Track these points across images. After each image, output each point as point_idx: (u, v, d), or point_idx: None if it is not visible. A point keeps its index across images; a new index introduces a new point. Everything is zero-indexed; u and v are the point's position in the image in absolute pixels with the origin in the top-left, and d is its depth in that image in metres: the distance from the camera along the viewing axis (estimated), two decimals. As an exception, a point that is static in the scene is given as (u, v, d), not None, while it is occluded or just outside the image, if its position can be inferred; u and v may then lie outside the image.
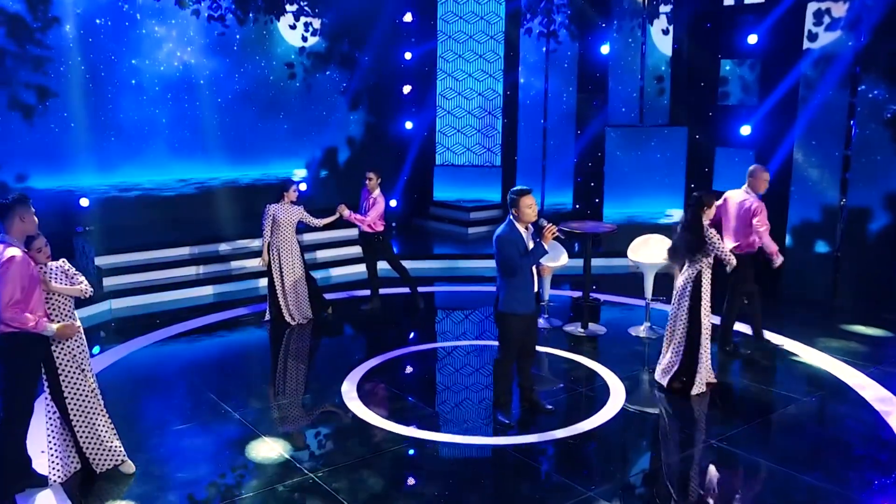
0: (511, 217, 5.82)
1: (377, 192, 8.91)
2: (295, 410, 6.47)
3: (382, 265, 9.25)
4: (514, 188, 5.86)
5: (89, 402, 5.08)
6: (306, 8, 12.37)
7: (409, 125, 13.35)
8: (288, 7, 12.21)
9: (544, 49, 12.58)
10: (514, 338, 5.95)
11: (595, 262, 10.79)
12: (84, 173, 10.71)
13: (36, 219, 4.88)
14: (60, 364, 4.95)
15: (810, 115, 9.43)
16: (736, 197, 7.31)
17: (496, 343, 6.20)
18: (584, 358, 7.48)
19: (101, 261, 9.63)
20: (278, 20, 12.17)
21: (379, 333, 8.64)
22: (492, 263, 7.96)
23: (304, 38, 12.42)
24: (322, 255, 11.03)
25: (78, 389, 5.03)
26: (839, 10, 9.11)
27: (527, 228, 5.85)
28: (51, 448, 5.05)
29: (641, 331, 8.27)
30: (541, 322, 8.57)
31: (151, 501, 4.92)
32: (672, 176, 11.41)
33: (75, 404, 5.03)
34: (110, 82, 10.84)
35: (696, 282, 6.41)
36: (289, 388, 7.02)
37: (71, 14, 10.40)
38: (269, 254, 8.38)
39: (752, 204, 7.15)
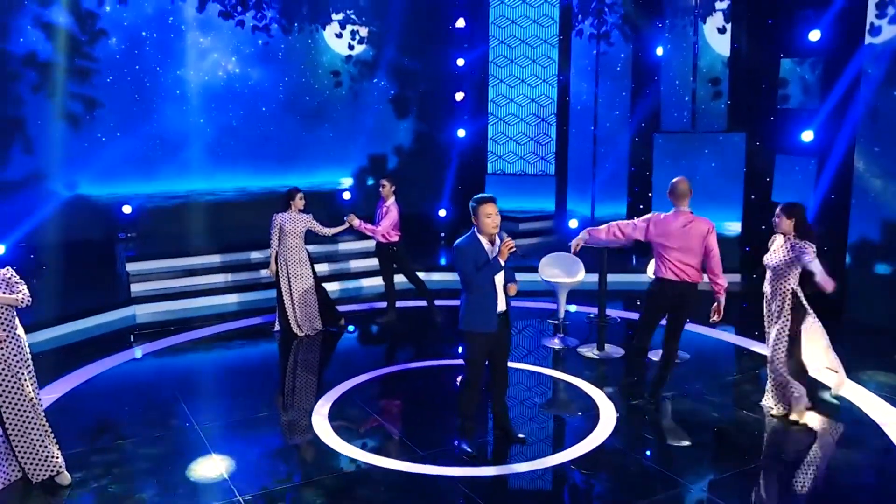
0: (474, 227, 5.39)
1: (391, 200, 8.63)
2: (258, 427, 6.23)
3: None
4: (476, 196, 5.41)
5: (26, 411, 5.04)
6: (353, 16, 12.28)
7: (461, 133, 12.99)
8: (334, 16, 12.16)
9: (595, 52, 11.94)
10: (477, 357, 5.50)
11: (637, 277, 10.15)
12: (129, 181, 11.03)
13: None
14: (-7, 372, 4.94)
15: (873, 118, 8.38)
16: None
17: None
18: (586, 383, 6.88)
19: (132, 266, 9.82)
20: (324, 29, 12.15)
21: (385, 348, 8.34)
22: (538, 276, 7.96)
23: (351, 47, 12.34)
24: (355, 265, 10.85)
25: (13, 398, 4.99)
26: (905, 0, 8.07)
27: (491, 242, 5.39)
28: (-15, 456, 5.05)
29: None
30: (555, 342, 8.06)
31: (73, 516, 4.81)
32: (728, 186, 10.49)
33: (10, 413, 5.00)
34: (156, 93, 11.14)
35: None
36: (264, 402, 6.75)
37: (118, 27, 10.75)
38: (276, 264, 8.25)
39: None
